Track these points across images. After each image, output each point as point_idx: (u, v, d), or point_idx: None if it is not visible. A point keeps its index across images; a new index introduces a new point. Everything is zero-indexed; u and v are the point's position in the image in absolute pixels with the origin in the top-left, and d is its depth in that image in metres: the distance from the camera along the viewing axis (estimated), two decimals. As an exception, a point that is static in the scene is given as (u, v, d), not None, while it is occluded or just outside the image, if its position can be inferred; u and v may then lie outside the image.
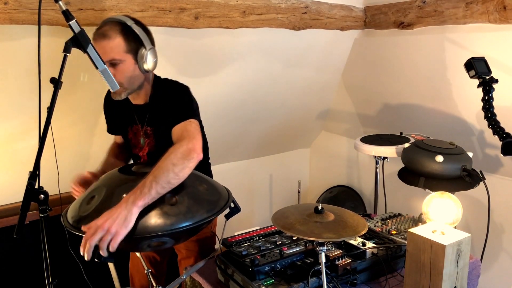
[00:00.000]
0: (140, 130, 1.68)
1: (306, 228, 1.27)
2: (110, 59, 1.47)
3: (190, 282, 1.62)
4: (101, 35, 1.47)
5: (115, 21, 1.50)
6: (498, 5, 1.91)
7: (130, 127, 1.70)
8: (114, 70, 1.49)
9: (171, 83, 1.65)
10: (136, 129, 1.69)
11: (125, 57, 1.50)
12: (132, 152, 1.77)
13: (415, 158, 1.81)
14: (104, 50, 1.46)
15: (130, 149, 1.78)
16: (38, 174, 1.20)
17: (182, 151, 1.34)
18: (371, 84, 2.78)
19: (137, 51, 1.51)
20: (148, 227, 1.18)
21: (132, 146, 1.73)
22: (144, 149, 1.69)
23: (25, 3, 1.52)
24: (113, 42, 1.47)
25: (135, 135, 1.70)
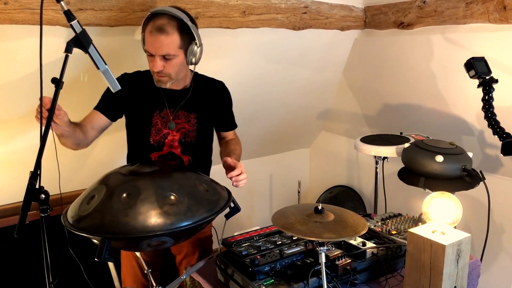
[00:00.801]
0: (170, 114, 1.70)
1: (306, 228, 1.27)
2: (165, 53, 1.55)
3: (190, 282, 1.62)
4: (159, 29, 1.52)
5: (171, 15, 1.54)
6: (498, 5, 1.91)
7: (159, 111, 1.69)
8: (165, 63, 1.57)
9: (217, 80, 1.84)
10: (166, 113, 1.70)
11: (178, 53, 1.57)
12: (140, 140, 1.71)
13: (415, 158, 1.81)
14: (160, 44, 1.53)
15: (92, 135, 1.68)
16: (39, 174, 1.20)
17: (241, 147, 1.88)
18: (371, 84, 2.79)
19: (188, 46, 1.59)
20: (148, 226, 1.18)
21: (154, 131, 1.69)
22: (173, 134, 1.70)
23: (25, 3, 1.52)
24: (170, 38, 1.53)
25: (163, 119, 1.70)
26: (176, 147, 1.72)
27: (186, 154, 1.74)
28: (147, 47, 1.56)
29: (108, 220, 1.19)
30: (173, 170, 1.49)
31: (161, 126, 1.69)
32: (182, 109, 1.71)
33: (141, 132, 1.71)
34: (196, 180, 1.40)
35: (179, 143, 1.72)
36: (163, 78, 1.62)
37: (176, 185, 1.31)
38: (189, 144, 1.74)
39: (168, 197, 1.25)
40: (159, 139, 1.70)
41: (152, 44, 1.54)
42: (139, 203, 1.22)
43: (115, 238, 1.20)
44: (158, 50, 1.54)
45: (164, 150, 1.72)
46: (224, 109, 1.85)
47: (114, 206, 1.22)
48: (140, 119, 1.71)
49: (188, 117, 1.72)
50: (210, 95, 1.77)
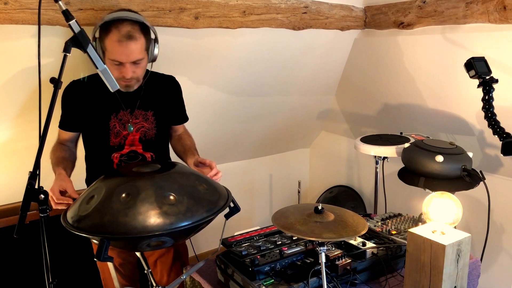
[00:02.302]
0: (128, 115, 1.69)
1: (306, 228, 1.27)
2: (136, 59, 1.56)
3: (190, 282, 1.62)
4: (128, 37, 1.52)
5: (133, 21, 1.54)
6: (498, 5, 1.91)
7: (115, 114, 1.68)
8: (135, 68, 1.58)
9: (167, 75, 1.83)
10: (124, 115, 1.68)
11: (144, 55, 1.60)
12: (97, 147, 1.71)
13: (415, 158, 1.81)
14: (131, 51, 1.53)
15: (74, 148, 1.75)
16: (38, 174, 1.20)
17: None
18: (371, 84, 2.79)
19: (149, 46, 1.62)
20: (147, 226, 1.18)
21: (113, 134, 1.68)
22: (133, 134, 1.69)
23: (25, 3, 1.52)
24: (139, 43, 1.55)
25: (120, 121, 1.68)
26: (137, 145, 1.72)
27: (147, 151, 1.75)
28: (116, 56, 1.53)
29: (108, 220, 1.19)
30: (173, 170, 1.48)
31: (119, 129, 1.68)
32: (139, 108, 1.71)
33: (99, 136, 1.69)
34: (196, 180, 1.39)
35: (139, 141, 1.72)
36: (131, 82, 1.62)
37: (176, 185, 1.31)
38: (149, 141, 1.74)
39: (168, 197, 1.25)
40: (119, 140, 1.70)
41: (123, 52, 1.52)
42: (139, 203, 1.21)
43: (115, 238, 1.19)
44: (129, 57, 1.53)
45: (125, 149, 1.71)
46: (177, 103, 1.84)
47: (113, 206, 1.22)
48: (97, 124, 1.68)
49: (146, 115, 1.72)
50: (163, 91, 1.78)
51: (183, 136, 1.90)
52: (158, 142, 1.78)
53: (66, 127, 1.72)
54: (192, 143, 1.86)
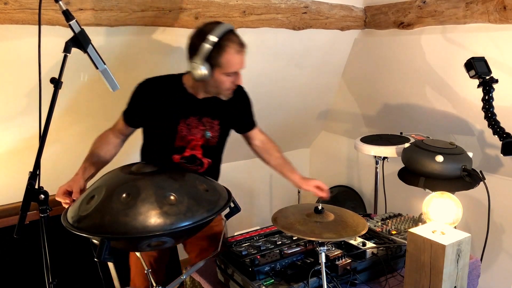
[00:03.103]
0: (196, 121, 1.72)
1: (306, 228, 1.27)
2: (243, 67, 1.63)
3: (190, 282, 1.62)
4: (242, 45, 1.60)
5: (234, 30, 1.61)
6: (498, 5, 1.91)
7: (184, 119, 1.71)
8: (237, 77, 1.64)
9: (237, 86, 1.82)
10: (192, 121, 1.71)
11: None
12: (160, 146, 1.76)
13: (415, 158, 1.81)
14: (244, 60, 1.62)
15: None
16: (38, 174, 1.20)
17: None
18: (371, 84, 2.78)
19: None
20: (148, 226, 1.18)
21: (178, 138, 1.72)
22: (197, 140, 1.73)
23: (25, 3, 1.52)
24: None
25: (188, 126, 1.71)
26: (198, 150, 1.76)
27: (207, 157, 1.79)
28: (236, 67, 1.60)
29: (108, 220, 1.19)
30: (173, 170, 1.49)
31: (186, 133, 1.72)
32: (207, 116, 1.74)
33: (165, 137, 1.73)
34: (196, 180, 1.40)
35: (201, 147, 1.76)
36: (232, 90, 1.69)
37: (176, 185, 1.31)
38: (210, 148, 1.78)
39: (168, 197, 1.25)
40: (183, 144, 1.73)
41: (242, 60, 1.61)
42: (139, 203, 1.22)
43: (115, 238, 1.20)
44: (244, 63, 1.62)
45: (186, 153, 1.75)
46: (245, 112, 1.89)
47: (114, 206, 1.22)
48: (166, 126, 1.72)
49: (212, 124, 1.75)
50: (231, 101, 1.78)
51: (268, 146, 1.97)
52: (218, 149, 1.84)
53: (129, 121, 1.74)
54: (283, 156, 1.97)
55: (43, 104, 1.22)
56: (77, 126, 2.15)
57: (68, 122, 2.09)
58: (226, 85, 1.63)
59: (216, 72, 1.58)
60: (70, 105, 2.03)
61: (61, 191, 1.43)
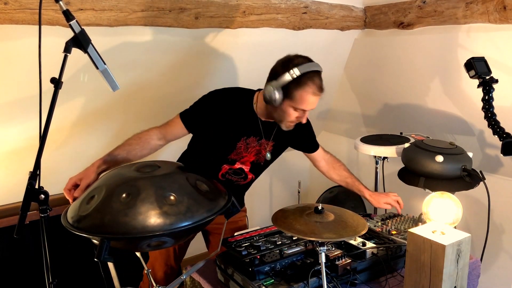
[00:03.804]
0: (255, 142, 1.78)
1: (306, 228, 1.27)
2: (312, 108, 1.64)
3: (190, 282, 1.62)
4: (321, 90, 1.63)
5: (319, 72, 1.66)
6: (498, 5, 1.91)
7: (246, 137, 1.75)
8: (303, 115, 1.66)
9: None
10: (251, 141, 1.77)
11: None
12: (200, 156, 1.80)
13: (415, 158, 1.81)
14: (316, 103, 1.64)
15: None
16: (38, 174, 1.20)
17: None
18: (371, 84, 2.78)
19: None
20: (147, 226, 1.18)
21: (234, 153, 1.77)
22: (249, 157, 1.80)
23: (25, 3, 1.52)
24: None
25: (246, 145, 1.77)
26: (247, 165, 1.83)
27: (252, 172, 1.86)
28: (305, 106, 1.61)
29: (108, 220, 1.19)
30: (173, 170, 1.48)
31: (242, 150, 1.77)
32: (266, 139, 1.79)
33: (222, 150, 1.77)
34: (196, 180, 1.39)
35: (250, 162, 1.83)
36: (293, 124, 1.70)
37: (176, 185, 1.31)
38: (258, 165, 1.85)
39: (168, 197, 1.25)
40: (236, 158, 1.79)
41: (314, 103, 1.62)
42: (139, 203, 1.21)
43: (115, 238, 1.19)
44: (315, 106, 1.64)
45: (236, 165, 1.81)
46: (305, 137, 1.94)
47: (113, 206, 1.22)
48: (225, 141, 1.75)
49: (266, 144, 1.80)
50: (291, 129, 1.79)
51: (334, 166, 2.06)
52: (264, 167, 1.90)
53: (187, 122, 1.71)
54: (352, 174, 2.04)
55: (43, 104, 1.22)
56: (78, 126, 2.15)
57: (68, 122, 2.09)
58: (291, 118, 1.66)
59: (286, 102, 1.61)
60: (70, 105, 2.03)
61: (70, 183, 1.41)
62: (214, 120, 1.71)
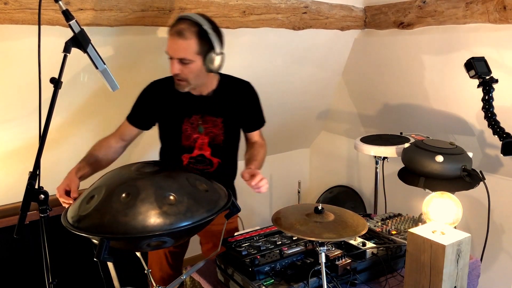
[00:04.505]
0: (199, 119, 1.72)
1: (306, 228, 1.27)
2: (182, 57, 1.57)
3: (190, 282, 1.62)
4: (178, 33, 1.55)
5: (192, 21, 1.57)
6: (498, 5, 1.91)
7: (188, 118, 1.72)
8: (182, 67, 1.59)
9: (242, 80, 1.84)
10: (195, 119, 1.72)
11: (196, 58, 1.59)
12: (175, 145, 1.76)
13: (415, 158, 1.81)
14: (178, 48, 1.56)
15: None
16: (38, 174, 1.20)
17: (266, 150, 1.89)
18: (371, 84, 2.78)
19: (207, 53, 1.60)
20: (147, 226, 1.18)
21: (184, 137, 1.73)
22: (202, 138, 1.73)
23: (25, 3, 1.52)
24: (187, 42, 1.56)
25: (192, 125, 1.72)
26: (206, 150, 1.77)
27: (215, 156, 1.79)
28: (167, 49, 1.59)
29: (108, 220, 1.19)
30: (173, 170, 1.49)
31: (190, 132, 1.74)
32: (209, 115, 1.74)
33: (172, 137, 1.76)
34: (196, 180, 1.39)
35: (208, 145, 1.76)
36: (181, 82, 1.64)
37: (176, 185, 1.31)
38: (218, 146, 1.78)
39: (168, 197, 1.25)
40: (189, 143, 1.75)
41: (171, 46, 1.58)
42: (139, 203, 1.21)
43: (115, 238, 1.19)
44: (175, 53, 1.57)
45: (194, 153, 1.76)
46: (250, 110, 1.86)
47: (113, 206, 1.22)
48: (171, 126, 1.75)
49: (215, 122, 1.75)
50: (236, 98, 1.79)
51: (254, 145, 1.90)
52: (226, 148, 1.81)
53: (134, 122, 1.76)
54: (259, 152, 1.84)
55: (43, 104, 1.22)
56: (77, 126, 2.15)
57: (68, 122, 2.09)
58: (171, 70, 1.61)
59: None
60: (70, 105, 2.03)
61: (61, 192, 1.43)
62: (153, 110, 1.74)
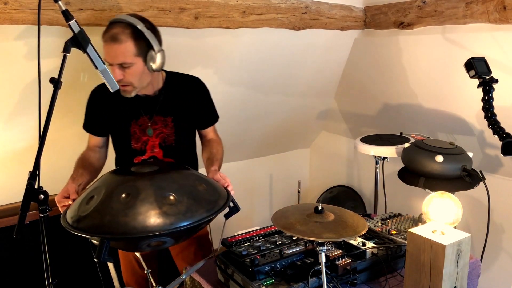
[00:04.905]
0: (148, 121, 1.68)
1: (306, 228, 1.27)
2: (121, 62, 1.52)
3: (190, 282, 1.62)
4: (112, 39, 1.49)
5: (125, 23, 1.51)
6: (498, 5, 1.91)
7: (135, 120, 1.69)
8: (124, 72, 1.54)
9: (191, 76, 1.78)
10: (143, 121, 1.69)
11: (135, 60, 1.53)
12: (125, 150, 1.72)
13: (415, 158, 1.81)
14: (115, 53, 1.50)
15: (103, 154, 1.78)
16: (38, 174, 1.20)
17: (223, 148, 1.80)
18: (371, 84, 2.78)
19: (146, 53, 1.55)
20: (147, 226, 1.18)
21: (134, 140, 1.70)
22: (152, 140, 1.69)
23: (25, 3, 1.52)
24: (124, 46, 1.50)
25: (140, 127, 1.69)
26: (158, 151, 1.72)
27: (168, 157, 1.74)
28: (104, 57, 1.51)
29: (108, 220, 1.19)
30: (172, 170, 1.49)
31: (140, 134, 1.69)
32: (158, 114, 1.69)
33: (122, 140, 1.72)
34: (196, 180, 1.40)
35: (160, 147, 1.71)
36: (126, 87, 1.58)
37: (175, 185, 1.31)
38: (170, 147, 1.72)
39: (167, 197, 1.25)
40: (140, 146, 1.70)
41: (108, 53, 1.51)
42: (139, 203, 1.22)
43: (115, 238, 1.20)
44: (114, 59, 1.51)
45: (146, 155, 1.71)
46: (200, 106, 1.78)
47: (113, 206, 1.22)
48: (119, 130, 1.71)
49: (165, 121, 1.70)
50: (184, 95, 1.73)
51: (210, 143, 1.82)
52: (179, 148, 1.75)
53: (91, 130, 1.76)
54: (218, 151, 1.77)
55: (43, 104, 1.22)
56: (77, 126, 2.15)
57: (68, 122, 2.09)
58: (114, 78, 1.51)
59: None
60: (70, 105, 2.03)
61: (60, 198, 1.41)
62: (101, 116, 1.71)
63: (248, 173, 3.32)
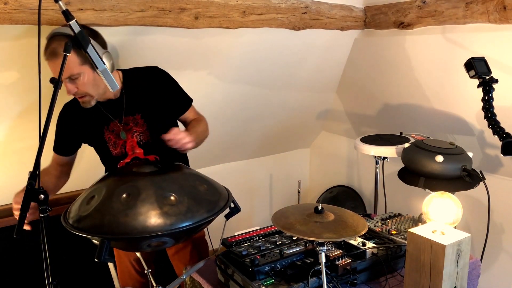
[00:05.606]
0: (118, 124, 1.66)
1: (306, 228, 1.27)
2: (69, 75, 1.48)
3: (190, 282, 1.62)
4: (52, 54, 1.45)
5: (61, 35, 1.45)
6: (498, 5, 1.91)
7: (106, 127, 1.66)
8: (75, 84, 1.50)
9: (148, 68, 1.73)
10: (114, 125, 1.66)
11: (82, 69, 1.49)
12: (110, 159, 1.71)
13: (415, 158, 1.81)
14: (55, 68, 1.46)
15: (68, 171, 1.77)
16: (38, 174, 1.20)
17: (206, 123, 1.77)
18: (371, 84, 2.78)
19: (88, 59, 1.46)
20: (148, 227, 1.18)
21: (111, 146, 1.68)
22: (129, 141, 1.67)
23: (25, 3, 1.52)
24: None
25: (113, 132, 1.67)
26: (138, 151, 1.70)
27: (149, 154, 1.72)
28: (53, 75, 1.48)
29: (108, 220, 1.19)
30: (173, 170, 1.49)
31: (115, 139, 1.68)
32: (126, 115, 1.67)
33: (102, 151, 1.72)
34: (196, 180, 1.40)
35: (139, 146, 1.69)
36: (84, 98, 1.56)
37: (176, 186, 1.31)
38: (147, 144, 1.70)
39: (168, 197, 1.25)
40: (120, 150, 1.69)
41: (53, 70, 1.48)
42: (139, 203, 1.22)
43: (115, 238, 1.20)
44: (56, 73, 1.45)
45: (128, 157, 1.70)
46: (168, 94, 1.72)
47: (114, 206, 1.22)
48: (95, 141, 1.71)
49: (135, 120, 1.68)
50: (147, 88, 1.69)
51: (192, 122, 1.78)
52: (157, 143, 1.69)
53: (61, 152, 1.74)
54: (199, 124, 1.73)
55: (43, 104, 1.22)
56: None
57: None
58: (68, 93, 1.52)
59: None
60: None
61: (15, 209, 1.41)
62: (73, 134, 1.70)
63: (248, 173, 3.32)
